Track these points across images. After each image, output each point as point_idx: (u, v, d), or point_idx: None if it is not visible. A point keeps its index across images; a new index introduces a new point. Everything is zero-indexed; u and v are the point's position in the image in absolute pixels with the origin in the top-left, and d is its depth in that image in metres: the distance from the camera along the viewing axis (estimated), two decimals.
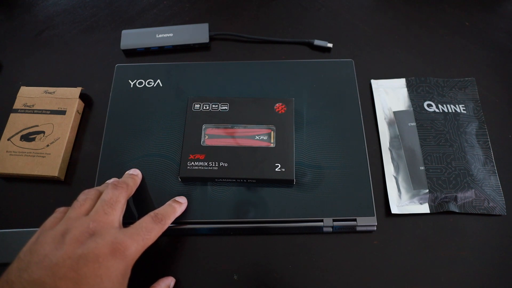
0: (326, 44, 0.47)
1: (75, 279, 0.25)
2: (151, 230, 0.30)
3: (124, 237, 0.28)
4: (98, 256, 0.26)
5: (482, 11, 0.50)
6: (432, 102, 0.42)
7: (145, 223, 0.30)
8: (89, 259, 0.26)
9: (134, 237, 0.28)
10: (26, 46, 0.49)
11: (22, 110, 0.42)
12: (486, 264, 0.35)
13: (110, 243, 0.27)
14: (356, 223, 0.35)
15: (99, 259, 0.26)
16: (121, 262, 0.27)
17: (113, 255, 0.26)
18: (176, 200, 0.35)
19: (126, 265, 0.27)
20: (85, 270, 0.25)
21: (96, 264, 0.26)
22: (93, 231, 0.28)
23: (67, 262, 0.25)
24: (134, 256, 0.28)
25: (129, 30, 0.48)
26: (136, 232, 0.29)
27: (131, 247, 0.28)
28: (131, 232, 0.29)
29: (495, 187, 0.38)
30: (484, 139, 0.40)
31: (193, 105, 0.40)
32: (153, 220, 0.31)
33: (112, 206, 0.30)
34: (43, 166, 0.39)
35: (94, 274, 0.25)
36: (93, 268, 0.25)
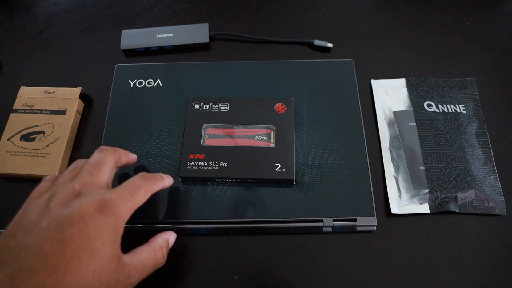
0: (326, 44, 0.47)
1: (61, 240, 0.24)
2: (139, 187, 0.29)
3: (111, 194, 0.27)
4: (83, 214, 0.25)
5: (482, 11, 0.50)
6: (432, 102, 0.42)
7: (133, 180, 0.29)
8: (74, 219, 0.25)
9: (122, 194, 0.27)
10: (26, 46, 0.49)
11: (22, 110, 0.42)
12: (486, 264, 0.35)
13: (96, 201, 0.26)
14: (356, 223, 0.35)
15: (85, 217, 0.25)
16: (110, 219, 0.26)
17: (100, 212, 0.25)
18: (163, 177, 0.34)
19: (116, 222, 0.26)
20: (70, 230, 0.24)
21: (82, 223, 0.25)
22: (78, 192, 0.27)
23: (52, 225, 0.24)
24: (124, 212, 0.27)
25: (129, 30, 0.48)
26: (124, 189, 0.28)
27: (120, 204, 0.27)
28: (118, 189, 0.28)
29: (495, 187, 0.38)
30: (484, 139, 0.40)
31: (193, 105, 0.40)
32: (141, 177, 0.30)
33: (98, 167, 0.29)
34: (43, 166, 0.39)
35: (81, 233, 0.24)
36: (79, 227, 0.24)
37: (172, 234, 0.33)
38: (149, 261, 0.29)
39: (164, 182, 0.32)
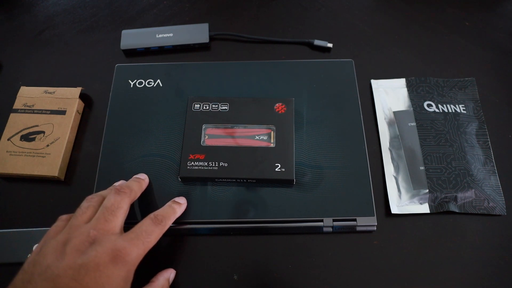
0: (326, 44, 0.47)
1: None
2: (151, 233, 0.30)
3: (124, 242, 0.28)
4: (98, 264, 0.26)
5: (482, 11, 0.50)
6: (432, 102, 0.42)
7: (145, 226, 0.30)
8: (90, 268, 0.26)
9: (134, 242, 0.28)
10: (26, 46, 0.49)
11: (22, 110, 0.42)
12: (486, 264, 0.35)
13: (110, 250, 0.27)
14: (356, 223, 0.35)
15: (100, 267, 0.26)
16: (122, 268, 0.27)
17: (114, 262, 0.27)
18: (176, 201, 0.35)
19: (128, 270, 0.27)
20: (87, 280, 0.25)
21: (97, 272, 0.26)
22: (93, 239, 0.28)
23: (69, 273, 0.25)
24: (135, 261, 0.28)
25: (129, 30, 0.48)
26: (136, 237, 0.29)
27: (132, 253, 0.28)
28: (131, 237, 0.29)
29: (495, 187, 0.38)
30: (484, 139, 0.40)
31: (193, 105, 0.40)
32: (153, 222, 0.31)
33: (114, 213, 0.30)
34: (43, 166, 0.39)
35: (96, 283, 0.25)
36: (94, 277, 0.26)
37: (172, 272, 0.34)
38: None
39: (175, 215, 0.34)
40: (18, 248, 0.36)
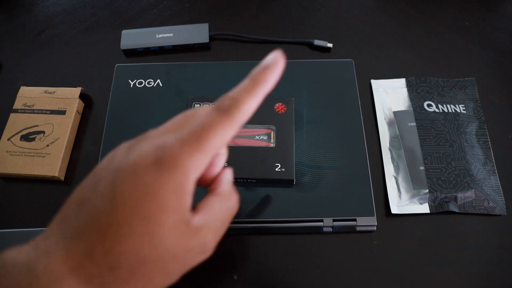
0: (326, 44, 0.47)
1: (111, 198, 0.19)
2: (211, 125, 0.20)
3: (173, 141, 0.20)
4: (136, 167, 0.19)
5: (482, 11, 0.50)
6: (432, 102, 0.42)
7: (205, 116, 0.21)
8: (126, 172, 0.20)
9: (186, 139, 0.20)
10: (26, 46, 0.49)
11: (22, 110, 0.42)
12: (486, 264, 0.35)
13: (153, 150, 0.20)
14: (356, 223, 0.35)
15: (137, 171, 0.19)
16: (169, 176, 0.19)
17: (157, 166, 0.19)
18: (259, 71, 0.22)
19: (179, 180, 0.20)
20: (122, 187, 0.19)
21: (133, 178, 0.19)
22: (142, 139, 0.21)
23: (108, 177, 0.20)
24: (188, 168, 0.20)
25: (129, 30, 0.48)
26: (189, 133, 0.20)
27: (183, 154, 0.20)
28: (182, 134, 0.20)
29: (495, 187, 0.38)
30: (484, 139, 0.40)
31: (193, 105, 0.40)
32: (216, 108, 0.21)
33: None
34: (43, 166, 0.39)
35: (132, 192, 0.19)
36: (131, 184, 0.19)
37: (229, 170, 0.26)
38: (225, 214, 0.24)
39: (256, 94, 0.22)
40: None
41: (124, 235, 0.19)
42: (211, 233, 0.22)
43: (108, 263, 0.19)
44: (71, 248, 0.19)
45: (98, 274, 0.19)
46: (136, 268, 0.20)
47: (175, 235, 0.20)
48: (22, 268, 0.19)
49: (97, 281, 0.19)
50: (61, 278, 0.19)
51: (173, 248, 0.20)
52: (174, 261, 0.21)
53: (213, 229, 0.22)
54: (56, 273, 0.19)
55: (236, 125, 0.21)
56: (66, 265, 0.19)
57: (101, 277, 0.19)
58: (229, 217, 0.24)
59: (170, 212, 0.20)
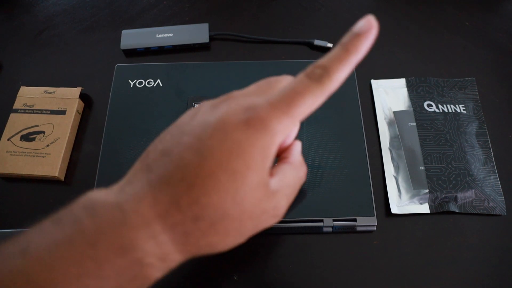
0: (326, 44, 0.47)
1: (200, 150, 0.20)
2: (301, 92, 0.20)
3: (262, 101, 0.20)
4: (226, 124, 0.20)
5: (482, 11, 0.50)
6: (432, 102, 0.42)
7: (294, 82, 0.21)
8: (216, 127, 0.20)
9: (276, 103, 0.20)
10: (26, 46, 0.49)
11: (22, 110, 0.42)
12: (486, 264, 0.35)
13: (243, 108, 0.20)
14: (356, 223, 0.35)
15: (227, 127, 0.20)
16: (258, 135, 0.20)
17: (247, 125, 0.20)
18: (351, 39, 0.21)
19: (266, 141, 0.20)
20: (211, 142, 0.20)
21: (223, 134, 0.20)
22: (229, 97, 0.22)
23: (195, 130, 0.21)
24: (277, 129, 0.20)
25: (129, 30, 0.48)
26: (280, 96, 0.20)
27: (272, 117, 0.20)
28: (272, 96, 0.21)
29: (495, 187, 0.38)
30: (484, 139, 0.40)
31: (193, 105, 0.40)
32: (307, 76, 0.21)
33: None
34: (43, 166, 0.39)
35: (221, 147, 0.20)
36: (220, 139, 0.20)
37: (298, 142, 0.26)
38: (296, 182, 0.24)
39: (349, 61, 0.21)
40: None
41: (210, 188, 0.19)
42: (284, 198, 0.23)
43: (192, 214, 0.20)
44: (158, 195, 0.20)
45: (182, 222, 0.20)
46: (216, 222, 0.20)
47: (256, 195, 0.21)
48: (112, 208, 0.19)
49: (180, 230, 0.20)
50: (149, 222, 0.19)
51: (252, 207, 0.21)
52: (250, 220, 0.21)
53: (286, 195, 0.23)
54: (145, 217, 0.19)
55: (325, 94, 0.21)
56: (154, 210, 0.19)
57: (184, 226, 0.20)
58: (299, 186, 0.25)
59: (254, 172, 0.20)
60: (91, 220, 0.19)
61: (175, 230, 0.20)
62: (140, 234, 0.19)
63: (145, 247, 0.19)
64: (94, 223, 0.19)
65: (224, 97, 0.23)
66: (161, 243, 0.20)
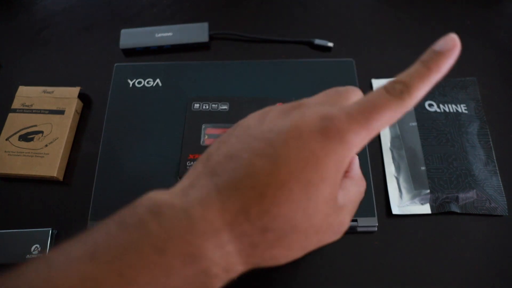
0: (327, 43, 0.46)
1: (273, 157, 0.19)
2: (381, 106, 0.19)
3: (339, 112, 0.20)
4: (302, 131, 0.19)
5: (483, 10, 0.49)
6: (433, 101, 0.41)
7: (373, 96, 0.20)
8: (291, 134, 0.19)
9: (354, 115, 0.19)
10: (24, 45, 0.49)
11: (21, 110, 0.42)
12: (487, 265, 0.35)
13: (319, 117, 0.20)
14: (357, 224, 0.35)
15: (303, 135, 0.19)
16: (335, 146, 0.19)
17: (324, 135, 0.19)
18: (433, 57, 0.20)
19: (342, 154, 0.19)
20: (284, 149, 0.19)
21: (299, 142, 0.19)
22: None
23: (266, 135, 0.20)
24: (354, 142, 0.19)
25: (128, 30, 0.48)
26: (359, 109, 0.20)
27: (350, 129, 0.19)
28: (349, 108, 0.20)
29: (497, 187, 0.37)
30: (485, 139, 0.40)
31: (192, 104, 0.40)
32: (387, 91, 0.20)
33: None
34: (42, 166, 0.39)
35: (296, 155, 0.19)
36: (295, 147, 0.19)
37: (356, 156, 0.26)
38: (358, 197, 0.24)
39: (430, 78, 0.20)
40: (16, 249, 0.36)
41: (282, 199, 0.19)
42: (348, 213, 0.22)
43: (261, 225, 0.19)
44: (227, 202, 0.19)
45: (250, 233, 0.19)
46: (284, 235, 0.19)
47: (325, 209, 0.20)
48: (179, 212, 0.19)
49: (247, 240, 0.19)
50: (217, 230, 0.19)
51: (320, 221, 0.20)
52: (316, 235, 0.21)
53: (350, 210, 0.23)
54: (213, 224, 0.19)
55: (404, 110, 0.20)
56: (223, 218, 0.19)
57: (251, 237, 0.19)
58: (360, 201, 0.24)
59: (328, 185, 0.19)
60: (158, 225, 0.18)
61: (242, 241, 0.19)
62: (208, 242, 0.18)
63: (212, 256, 0.18)
64: (161, 228, 0.18)
65: (295, 104, 0.22)
66: (227, 253, 0.19)
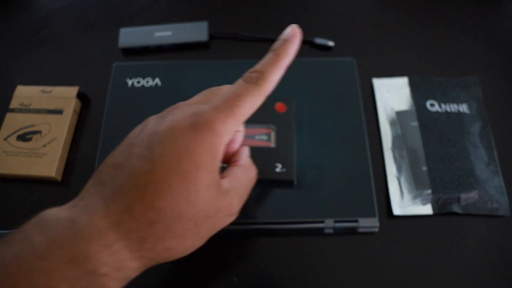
0: (328, 42, 0.46)
1: (150, 158, 0.21)
2: (242, 94, 0.23)
3: (206, 107, 0.23)
4: (174, 130, 0.22)
5: (485, 9, 0.49)
6: (434, 101, 0.41)
7: (233, 87, 0.24)
8: (165, 135, 0.21)
9: (219, 106, 0.23)
10: (22, 44, 0.49)
11: (19, 109, 0.41)
12: (489, 266, 0.35)
13: (189, 114, 0.22)
14: (358, 224, 0.35)
15: (176, 133, 0.21)
16: (205, 137, 0.22)
17: (193, 129, 0.21)
18: (280, 45, 0.26)
19: (213, 142, 0.22)
20: (160, 148, 0.21)
21: (172, 139, 0.21)
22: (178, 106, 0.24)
23: (144, 141, 0.22)
24: (222, 130, 0.22)
25: (127, 28, 0.48)
26: (222, 100, 0.23)
27: (216, 119, 0.22)
28: (215, 101, 0.23)
29: (499, 187, 0.37)
30: (487, 139, 0.39)
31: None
32: (245, 80, 0.24)
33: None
34: (40, 167, 0.38)
35: (171, 152, 0.21)
36: (170, 145, 0.21)
37: (246, 147, 0.29)
38: (247, 182, 0.26)
39: (280, 65, 0.25)
40: None
41: (163, 192, 0.20)
42: (237, 196, 0.25)
43: (147, 219, 0.20)
44: (111, 205, 0.20)
45: (136, 229, 0.20)
46: (172, 224, 0.21)
47: (208, 194, 0.22)
48: (64, 222, 0.20)
49: (135, 236, 0.20)
50: (102, 231, 0.20)
51: (206, 206, 0.22)
52: (206, 220, 0.22)
53: (238, 193, 0.25)
54: (98, 227, 0.20)
55: (263, 95, 0.24)
56: (108, 220, 0.20)
57: (139, 232, 0.20)
58: (251, 185, 0.27)
59: (205, 171, 0.21)
60: (41, 235, 0.19)
61: (130, 237, 0.20)
62: (93, 244, 0.19)
63: (99, 256, 0.19)
64: (44, 238, 0.19)
65: (170, 108, 0.25)
66: (115, 251, 0.20)
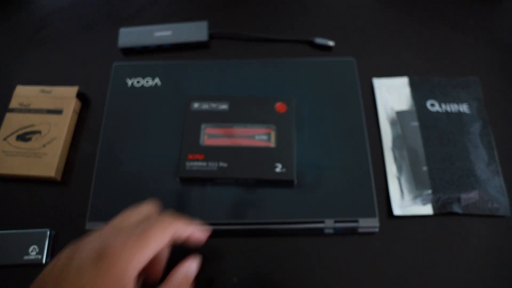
0: (328, 42, 0.46)
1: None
2: (150, 229, 0.24)
3: (113, 241, 0.23)
4: (79, 267, 0.22)
5: (485, 9, 0.49)
6: (435, 101, 0.41)
7: (146, 222, 0.25)
8: (71, 270, 0.22)
9: (126, 240, 0.23)
10: (22, 44, 0.48)
11: (18, 109, 0.41)
12: (490, 266, 0.35)
13: (96, 249, 0.23)
14: (358, 224, 0.35)
15: (80, 270, 0.22)
16: (109, 273, 0.22)
17: (96, 265, 0.22)
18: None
19: (119, 275, 0.22)
20: (65, 285, 0.22)
21: (78, 276, 0.22)
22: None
23: (53, 277, 0.23)
24: (126, 265, 0.23)
25: (127, 28, 0.47)
26: (131, 233, 0.24)
27: (122, 254, 0.23)
28: (124, 233, 0.24)
29: (499, 187, 0.37)
30: (487, 139, 0.39)
31: (192, 104, 0.39)
32: (156, 217, 0.26)
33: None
34: (40, 167, 0.38)
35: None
36: (75, 282, 0.22)
37: (192, 263, 0.28)
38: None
39: (187, 228, 0.27)
40: (14, 250, 0.35)
41: None
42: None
43: None
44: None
45: None
46: None
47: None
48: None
49: None
50: None
51: None
52: None
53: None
54: None
55: (171, 232, 0.26)
56: None
57: None
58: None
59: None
60: None
61: None
62: None
63: None
64: None
65: (81, 242, 0.25)
66: None
